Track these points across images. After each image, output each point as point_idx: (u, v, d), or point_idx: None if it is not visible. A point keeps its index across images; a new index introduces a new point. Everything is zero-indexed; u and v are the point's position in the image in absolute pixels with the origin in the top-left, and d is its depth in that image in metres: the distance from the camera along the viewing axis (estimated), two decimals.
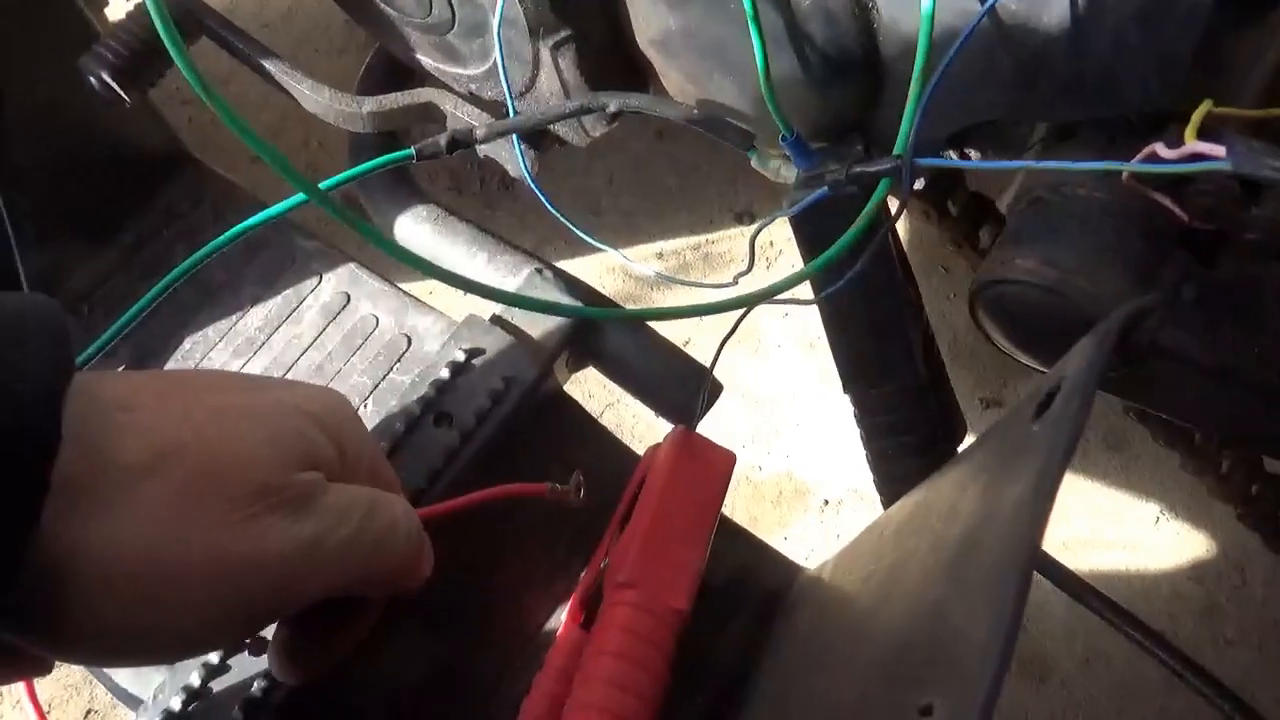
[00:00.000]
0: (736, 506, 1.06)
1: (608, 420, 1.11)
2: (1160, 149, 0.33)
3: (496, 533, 0.53)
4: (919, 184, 0.58)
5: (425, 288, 0.87)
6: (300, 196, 0.39)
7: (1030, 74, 0.41)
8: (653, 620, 0.44)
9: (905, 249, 0.53)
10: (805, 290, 0.47)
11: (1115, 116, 0.45)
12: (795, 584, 0.55)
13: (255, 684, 0.46)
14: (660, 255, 1.20)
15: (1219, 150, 0.30)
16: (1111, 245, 0.44)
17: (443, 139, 0.47)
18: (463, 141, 0.48)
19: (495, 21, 0.47)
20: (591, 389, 1.11)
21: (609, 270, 1.17)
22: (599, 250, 0.53)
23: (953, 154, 0.52)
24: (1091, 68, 0.39)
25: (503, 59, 0.49)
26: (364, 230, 0.36)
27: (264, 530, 0.33)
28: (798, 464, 1.08)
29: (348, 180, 0.44)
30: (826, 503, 1.07)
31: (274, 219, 0.46)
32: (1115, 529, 1.05)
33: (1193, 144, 0.32)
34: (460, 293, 0.41)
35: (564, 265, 0.59)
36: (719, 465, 0.50)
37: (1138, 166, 0.33)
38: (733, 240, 1.20)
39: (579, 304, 0.54)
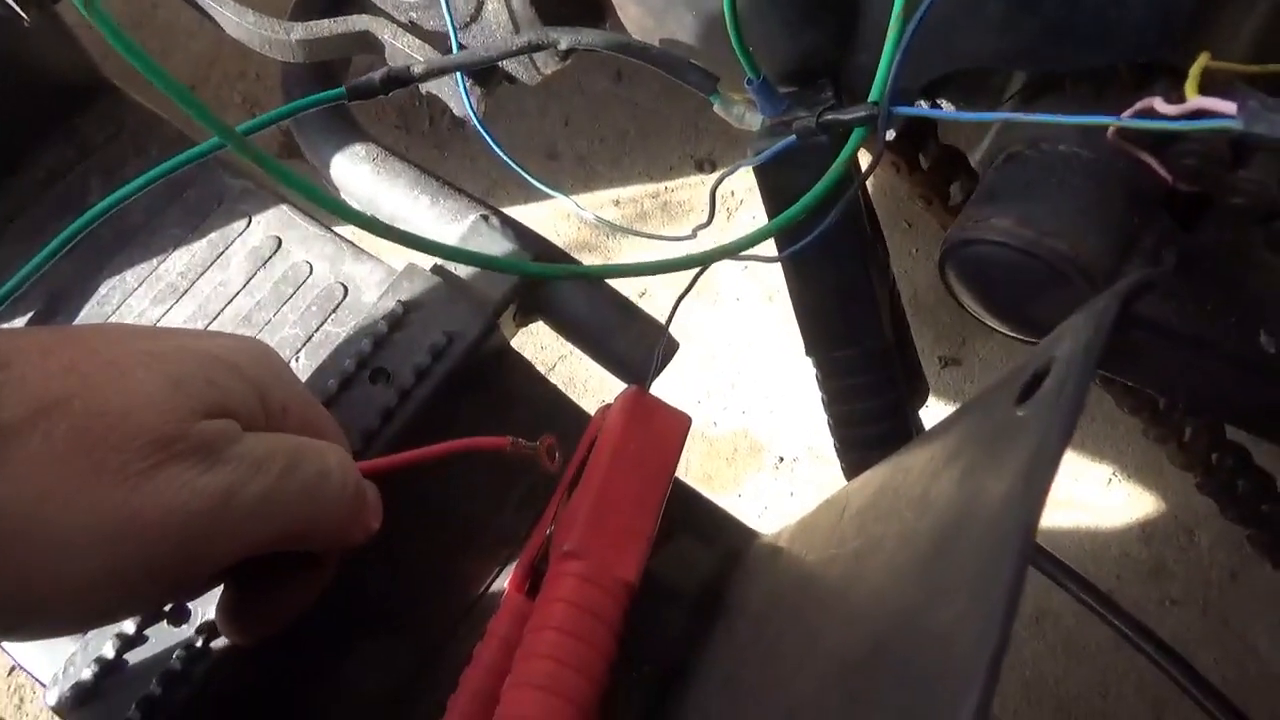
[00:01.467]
0: (691, 464, 1.05)
1: (559, 374, 1.08)
2: (1158, 104, 0.31)
3: (440, 492, 0.50)
4: (890, 135, 0.55)
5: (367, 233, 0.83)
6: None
7: (1019, 17, 0.38)
8: (599, 593, 0.41)
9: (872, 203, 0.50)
10: (768, 246, 0.44)
11: (1104, 68, 0.42)
12: (750, 551, 0.53)
13: (175, 656, 0.43)
14: (617, 203, 1.16)
15: (1229, 107, 0.28)
16: (1093, 206, 0.41)
17: (378, 76, 0.44)
18: (400, 79, 0.44)
19: None
20: (544, 340, 1.08)
21: (564, 217, 1.13)
22: (552, 196, 0.50)
23: (924, 105, 0.49)
24: (1085, 11, 0.36)
25: None
26: (289, 179, 0.33)
27: (165, 484, 0.30)
28: (753, 420, 1.06)
29: (270, 123, 0.40)
30: (781, 460, 1.06)
31: (197, 160, 0.42)
32: (1068, 489, 1.05)
33: (1197, 99, 0.29)
34: None
35: (516, 211, 0.56)
36: (673, 428, 0.47)
37: (1135, 122, 0.30)
38: (693, 189, 1.16)
39: (525, 258, 0.50)
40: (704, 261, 0.36)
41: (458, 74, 0.52)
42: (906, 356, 0.55)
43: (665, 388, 0.45)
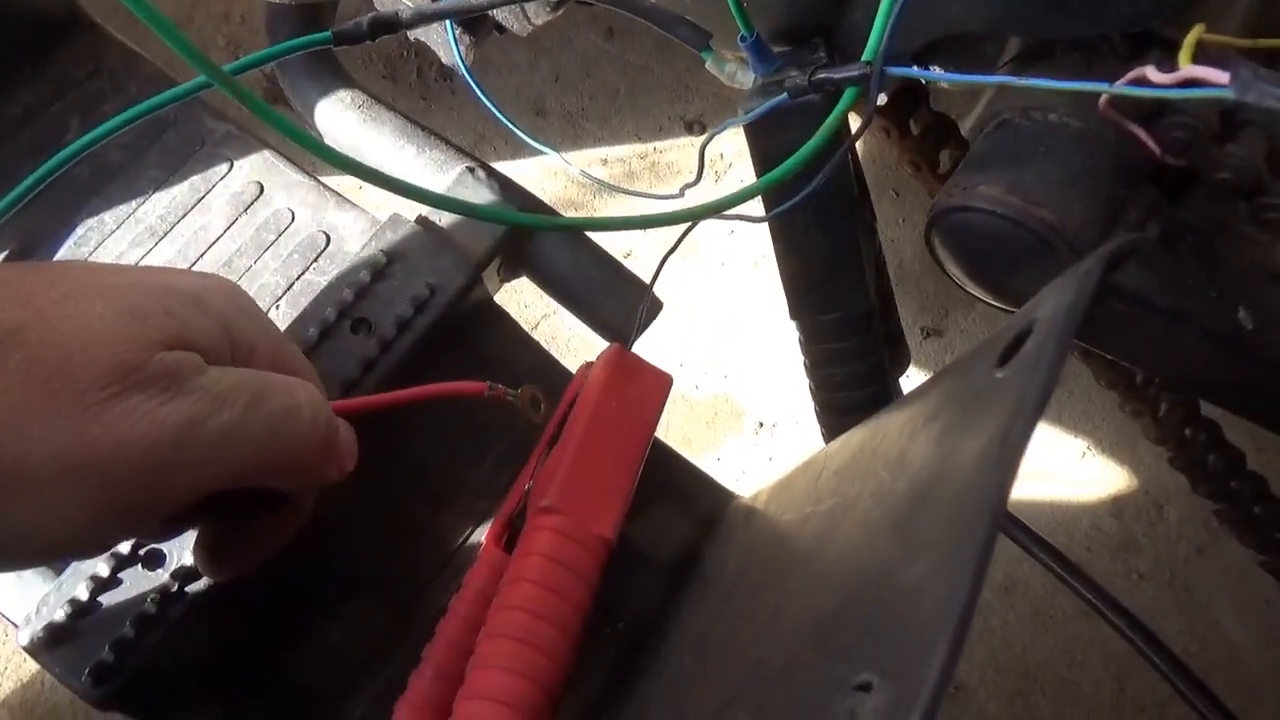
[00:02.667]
0: (671, 426, 1.05)
1: (543, 332, 1.07)
2: (1150, 73, 0.31)
3: (420, 447, 0.50)
4: (881, 99, 0.55)
5: (352, 182, 0.82)
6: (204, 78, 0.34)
7: None
8: (576, 548, 0.42)
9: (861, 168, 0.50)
10: (755, 207, 0.44)
11: (1096, 37, 0.42)
12: (727, 512, 0.53)
13: (149, 599, 0.43)
14: (605, 161, 1.15)
15: (1221, 76, 0.28)
16: (1081, 176, 0.41)
17: (365, 21, 0.43)
18: (388, 24, 0.43)
19: None
20: (527, 299, 1.07)
21: (550, 174, 1.12)
22: (540, 153, 0.49)
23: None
24: None
25: None
26: (274, 120, 0.32)
27: (124, 414, 0.30)
28: (734, 385, 1.07)
29: (256, 64, 0.40)
30: (761, 425, 1.06)
31: (180, 100, 0.42)
32: (1043, 462, 1.06)
33: (1190, 68, 0.29)
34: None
35: (503, 167, 0.55)
36: (654, 387, 0.47)
37: (1128, 90, 0.30)
38: (681, 150, 1.16)
39: (511, 209, 0.50)
40: (690, 218, 0.36)
41: (447, 21, 0.51)
42: (890, 323, 0.55)
43: (648, 349, 0.45)
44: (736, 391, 1.07)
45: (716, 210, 0.36)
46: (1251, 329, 0.43)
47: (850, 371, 0.47)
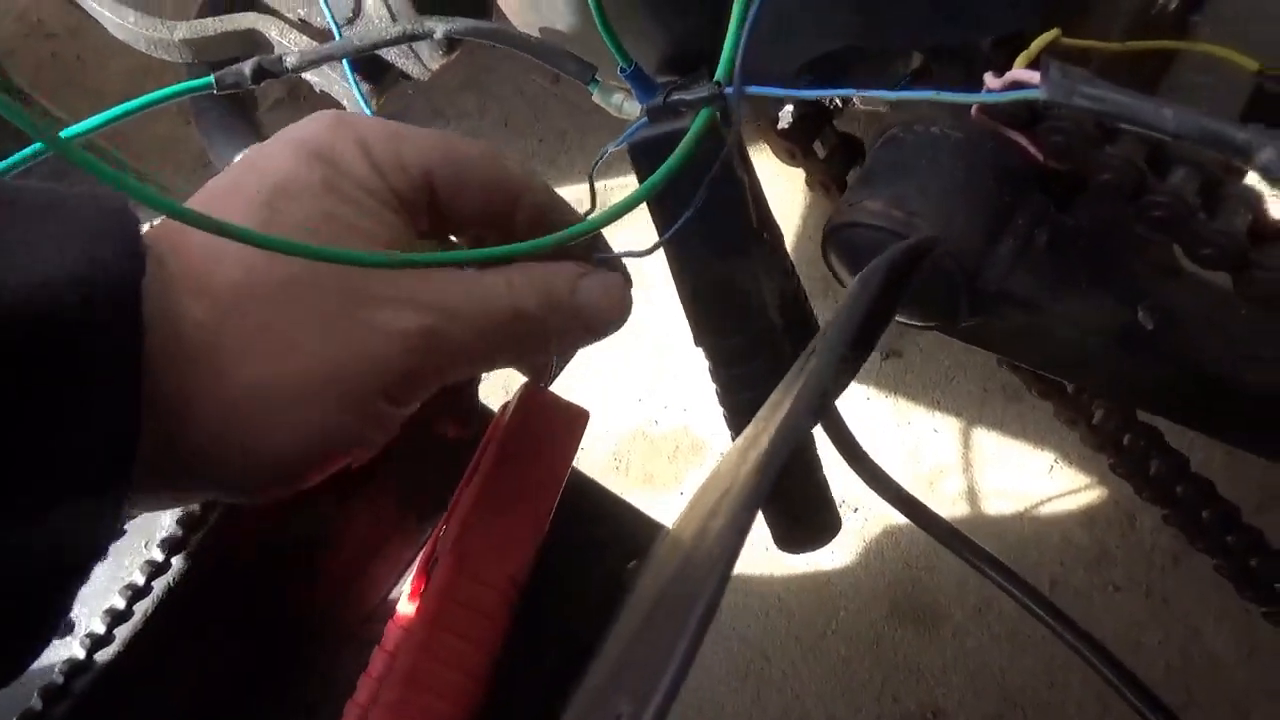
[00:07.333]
0: (631, 464, 1.04)
1: None
2: (988, 78, 0.31)
3: (346, 504, 0.50)
4: (784, 123, 0.55)
5: None
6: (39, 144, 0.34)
7: None
8: (476, 587, 0.41)
9: (768, 187, 0.50)
10: (647, 241, 0.44)
11: (974, 46, 0.42)
12: (656, 542, 0.53)
13: (56, 669, 0.42)
14: None
15: (1033, 77, 0.28)
16: (963, 185, 0.41)
17: (247, 66, 0.43)
18: (271, 70, 0.43)
19: None
20: None
21: None
22: None
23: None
24: None
25: None
26: (111, 179, 0.31)
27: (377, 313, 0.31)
28: (695, 417, 1.06)
29: (105, 124, 0.39)
30: (723, 456, 1.05)
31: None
32: (1011, 478, 1.06)
33: (1012, 72, 0.29)
34: None
35: None
36: (569, 424, 0.47)
37: (948, 96, 0.30)
38: (630, 187, 1.16)
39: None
40: (559, 243, 0.35)
41: (345, 68, 0.51)
42: (804, 342, 0.55)
43: (609, 384, 0.45)
44: (697, 424, 1.06)
45: (581, 234, 0.36)
46: (1152, 329, 0.43)
47: (756, 396, 0.47)
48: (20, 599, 0.28)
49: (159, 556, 0.44)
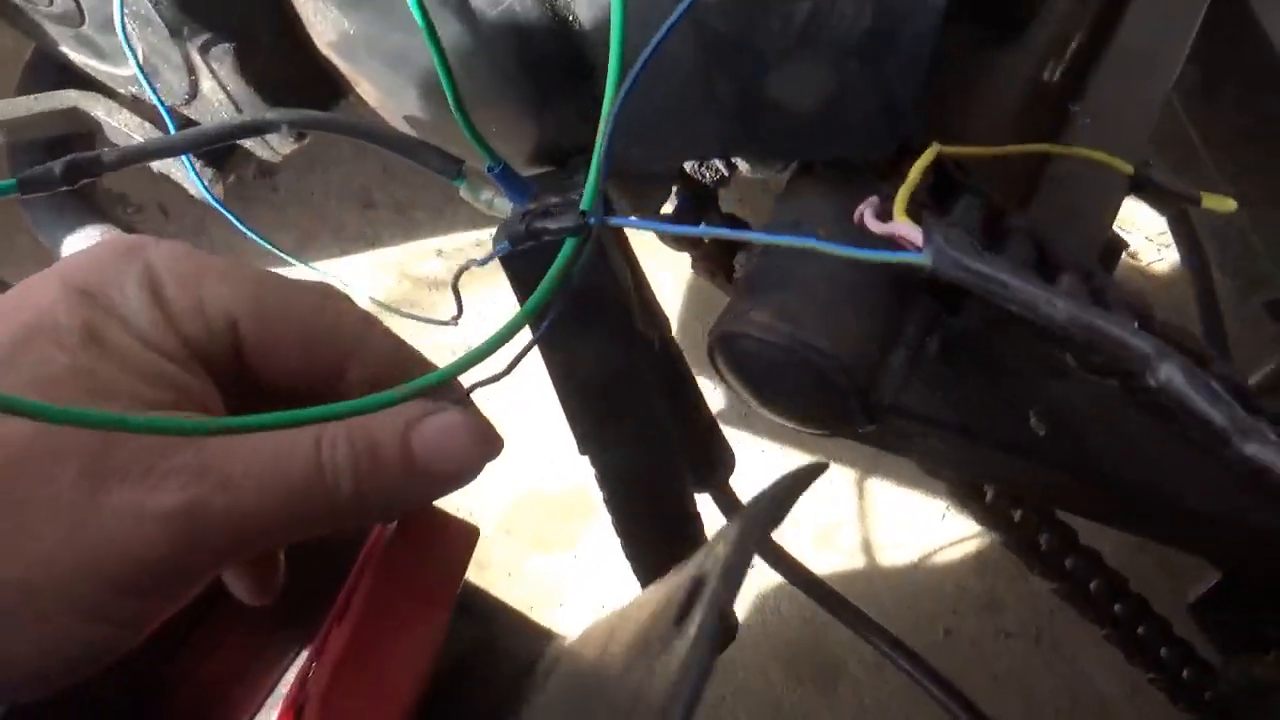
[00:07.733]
0: (523, 528, 1.00)
1: None
2: (869, 218, 0.28)
3: (189, 637, 0.44)
4: (667, 207, 0.52)
5: None
6: None
7: (754, 106, 0.35)
8: None
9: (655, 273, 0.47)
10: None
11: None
12: (546, 654, 0.49)
13: None
14: (440, 252, 1.11)
15: (916, 239, 0.26)
16: (850, 296, 0.39)
17: (58, 166, 0.38)
18: (87, 169, 0.38)
19: (117, 18, 0.37)
20: None
21: (382, 268, 1.07)
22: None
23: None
24: (814, 104, 0.33)
25: (139, 63, 0.40)
26: None
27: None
28: (587, 474, 1.03)
29: None
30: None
31: None
32: (905, 527, 1.06)
33: (893, 225, 0.27)
34: None
35: (332, 264, 0.51)
36: (456, 543, 0.43)
37: (830, 248, 0.28)
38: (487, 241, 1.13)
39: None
40: (439, 380, 0.31)
41: (185, 159, 0.46)
42: (697, 436, 0.52)
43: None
44: (590, 482, 1.02)
45: (459, 370, 0.32)
46: (1044, 435, 0.42)
47: (645, 509, 0.44)
48: None
49: None
